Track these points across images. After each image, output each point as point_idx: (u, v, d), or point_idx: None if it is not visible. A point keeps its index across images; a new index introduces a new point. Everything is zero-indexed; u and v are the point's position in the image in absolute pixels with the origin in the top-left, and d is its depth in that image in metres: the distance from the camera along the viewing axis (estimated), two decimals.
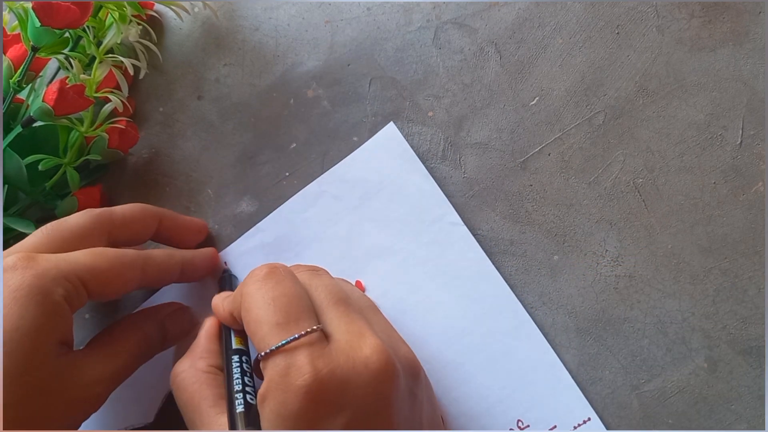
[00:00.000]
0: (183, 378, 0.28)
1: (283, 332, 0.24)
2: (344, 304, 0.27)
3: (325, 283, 0.28)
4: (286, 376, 0.23)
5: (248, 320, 0.26)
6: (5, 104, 0.35)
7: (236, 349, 0.29)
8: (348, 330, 0.25)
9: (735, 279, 0.29)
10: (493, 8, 0.35)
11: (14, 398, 0.25)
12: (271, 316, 0.25)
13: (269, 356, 0.24)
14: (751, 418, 0.28)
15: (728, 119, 0.31)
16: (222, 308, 0.30)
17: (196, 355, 0.29)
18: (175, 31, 0.41)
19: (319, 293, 0.27)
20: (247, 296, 0.26)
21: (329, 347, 0.24)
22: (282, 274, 0.27)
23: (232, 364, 0.28)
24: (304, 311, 0.25)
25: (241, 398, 0.26)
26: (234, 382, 0.27)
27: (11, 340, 0.25)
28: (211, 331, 0.31)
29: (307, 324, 0.25)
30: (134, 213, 0.32)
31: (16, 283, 0.26)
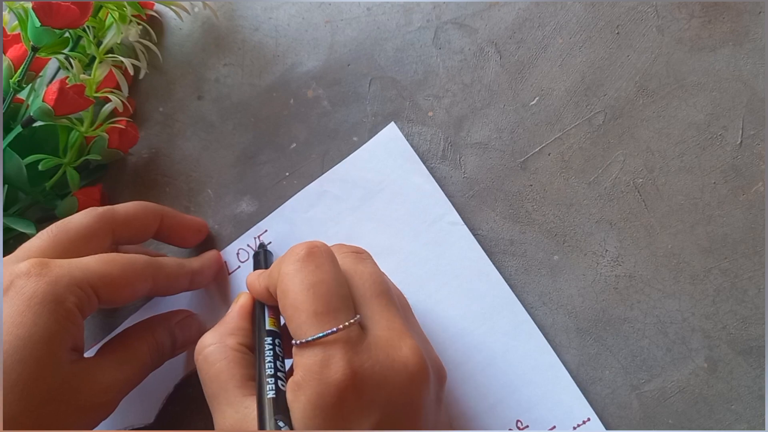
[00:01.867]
0: (210, 352, 0.27)
1: (321, 323, 0.24)
2: (386, 297, 0.26)
3: (369, 271, 0.27)
4: (324, 368, 0.23)
5: (285, 304, 0.25)
6: (5, 104, 0.35)
7: (269, 330, 0.28)
8: (388, 327, 0.25)
9: (735, 279, 0.29)
10: (493, 8, 0.35)
11: (28, 405, 0.25)
12: (310, 304, 0.24)
13: (306, 346, 0.24)
14: (751, 418, 0.28)
15: (728, 119, 0.31)
16: (258, 284, 0.29)
17: (226, 330, 0.29)
18: (175, 31, 0.41)
19: (362, 282, 0.26)
20: (285, 277, 0.25)
21: (367, 342, 0.24)
22: (322, 257, 0.26)
23: (265, 346, 0.27)
24: (343, 301, 0.25)
25: (273, 383, 0.25)
26: (266, 365, 0.26)
27: (25, 347, 0.25)
28: (245, 308, 0.30)
29: (345, 316, 0.24)
30: (137, 211, 0.32)
31: (30, 291, 0.26)
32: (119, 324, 0.36)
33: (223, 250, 0.36)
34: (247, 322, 0.29)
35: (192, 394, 0.34)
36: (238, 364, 0.27)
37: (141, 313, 0.36)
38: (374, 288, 0.26)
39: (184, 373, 0.34)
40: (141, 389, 0.30)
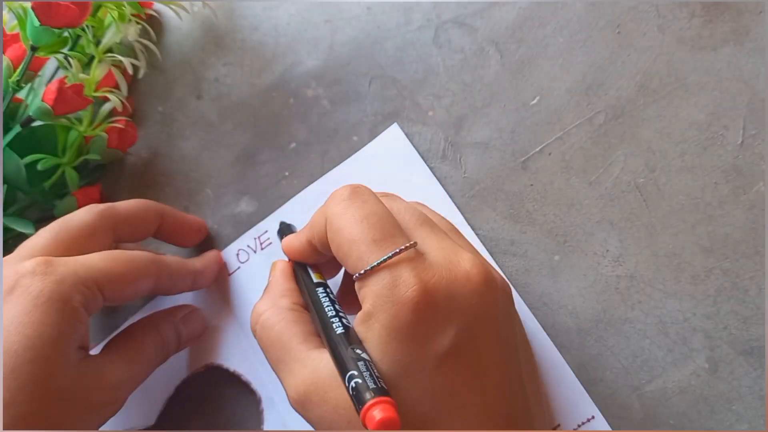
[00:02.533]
0: (267, 317, 0.27)
1: (381, 249, 0.24)
2: (429, 224, 0.27)
3: (404, 205, 0.27)
4: (394, 289, 0.23)
5: (340, 241, 0.25)
6: (4, 104, 0.35)
7: (318, 282, 0.28)
8: (441, 247, 0.25)
9: (736, 279, 0.29)
10: (494, 7, 0.35)
11: (39, 405, 0.25)
12: (366, 233, 0.24)
13: (370, 273, 0.24)
14: (752, 419, 0.28)
15: (729, 119, 0.31)
16: (298, 242, 0.29)
17: (276, 294, 0.29)
18: (175, 30, 0.41)
19: (402, 215, 0.26)
20: (335, 217, 0.25)
21: (428, 261, 0.24)
22: (366, 192, 0.26)
23: (319, 295, 0.27)
24: (396, 228, 0.25)
25: (338, 322, 0.25)
26: (325, 310, 0.26)
27: (34, 347, 0.25)
28: (287, 271, 0.30)
29: (402, 240, 0.24)
30: (138, 208, 0.32)
31: (36, 290, 0.26)
32: (120, 324, 0.36)
33: (223, 250, 0.36)
34: (293, 283, 0.29)
35: (193, 395, 0.34)
36: (296, 323, 0.27)
37: (141, 313, 0.35)
38: (415, 218, 0.26)
39: (185, 374, 0.34)
40: (142, 391, 0.30)
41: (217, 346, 0.34)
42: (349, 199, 0.26)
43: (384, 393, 0.21)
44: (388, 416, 0.20)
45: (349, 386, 0.22)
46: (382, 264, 0.23)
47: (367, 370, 0.22)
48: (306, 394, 0.24)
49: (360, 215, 0.25)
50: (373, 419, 0.20)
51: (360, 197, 0.26)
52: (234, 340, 0.34)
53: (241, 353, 0.34)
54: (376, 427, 0.20)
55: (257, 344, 0.28)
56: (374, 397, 0.20)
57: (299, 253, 0.29)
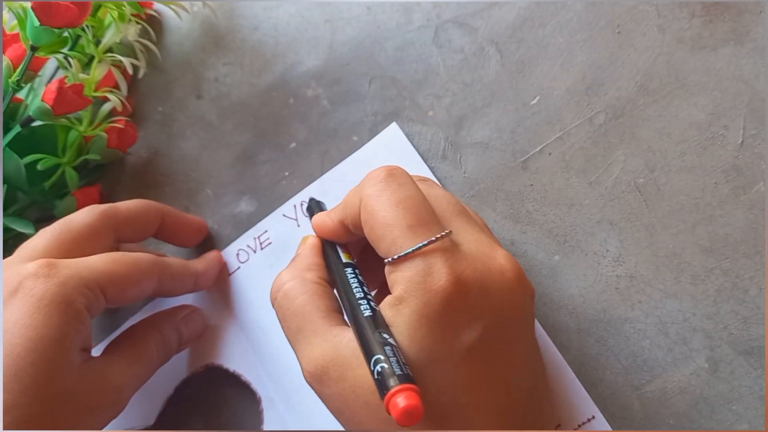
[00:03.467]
0: (291, 287, 0.26)
1: (416, 235, 0.23)
2: (465, 215, 0.26)
3: (442, 193, 0.27)
4: (427, 277, 0.22)
5: (373, 224, 0.24)
6: (4, 104, 0.35)
7: (347, 262, 0.27)
8: (476, 239, 0.25)
9: (736, 279, 0.29)
10: (494, 7, 0.35)
11: (43, 408, 0.25)
12: (401, 218, 0.24)
13: (403, 260, 0.23)
14: (752, 419, 0.28)
15: (729, 119, 0.31)
16: (330, 220, 0.28)
17: (302, 266, 0.28)
18: (175, 30, 0.41)
19: (439, 203, 0.26)
20: (371, 198, 0.25)
21: (462, 252, 0.24)
22: (403, 176, 0.25)
23: (347, 275, 0.26)
24: (432, 215, 0.24)
25: (366, 304, 0.24)
26: (353, 290, 0.25)
27: (37, 349, 0.25)
28: (316, 247, 0.29)
29: (437, 228, 0.24)
30: (139, 209, 0.32)
31: (39, 292, 0.26)
32: (120, 324, 0.36)
33: (223, 250, 0.36)
34: (321, 259, 0.29)
35: (192, 395, 0.34)
36: (320, 297, 0.26)
37: (141, 314, 0.35)
38: (452, 207, 0.26)
39: (185, 375, 0.34)
40: (142, 391, 0.30)
41: (217, 346, 0.34)
42: (385, 181, 0.25)
43: (410, 380, 0.20)
44: (413, 404, 0.20)
45: (375, 370, 0.21)
46: (417, 251, 0.23)
47: (394, 356, 0.21)
48: (324, 368, 0.24)
49: (396, 198, 0.24)
50: (397, 406, 0.20)
51: (396, 180, 0.25)
52: (234, 340, 0.34)
53: (241, 353, 0.34)
54: (399, 414, 0.19)
55: (255, 344, 0.28)
56: (399, 383, 0.20)
57: (330, 232, 0.28)
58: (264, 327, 0.34)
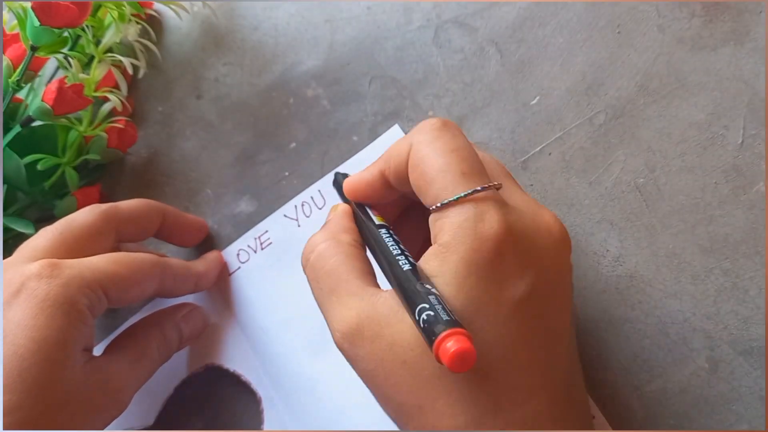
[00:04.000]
0: (325, 248, 0.26)
1: (469, 182, 0.23)
2: (512, 177, 0.26)
3: (491, 157, 0.27)
4: (479, 222, 0.22)
5: (424, 169, 0.24)
6: (4, 104, 0.35)
7: (380, 224, 0.27)
8: (524, 199, 0.25)
9: (736, 279, 0.29)
10: (494, 7, 0.35)
11: (45, 409, 0.25)
12: (456, 165, 0.23)
13: (453, 204, 0.22)
14: (752, 419, 0.28)
15: (729, 119, 0.31)
16: (369, 174, 0.27)
17: (335, 230, 0.27)
18: (175, 30, 0.41)
19: (487, 162, 0.26)
20: (423, 144, 0.24)
21: (512, 206, 0.23)
22: (456, 128, 0.25)
23: (382, 236, 0.26)
24: (483, 168, 0.24)
25: (404, 259, 0.23)
26: (391, 248, 0.25)
27: (40, 350, 0.25)
28: (348, 212, 0.29)
29: (489, 180, 0.23)
30: (140, 208, 0.32)
31: (42, 293, 0.26)
32: (120, 323, 0.36)
33: (223, 250, 0.36)
34: (353, 223, 0.28)
35: (192, 395, 0.34)
36: (355, 258, 0.26)
37: (141, 314, 0.35)
38: (500, 169, 0.26)
39: (185, 374, 0.34)
40: (142, 391, 0.30)
41: (217, 346, 0.34)
42: (440, 130, 0.24)
43: (458, 325, 0.19)
44: (465, 347, 0.18)
45: (420, 319, 0.20)
46: (469, 196, 0.22)
47: (439, 303, 0.20)
48: (359, 327, 0.23)
49: (451, 146, 0.24)
50: (447, 351, 0.18)
51: (451, 131, 0.25)
52: (234, 340, 0.34)
53: (241, 353, 0.34)
54: (450, 358, 0.18)
55: (255, 344, 0.28)
56: (447, 328, 0.19)
57: (367, 187, 0.28)
58: (264, 327, 0.34)
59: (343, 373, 0.32)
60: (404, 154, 0.25)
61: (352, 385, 0.31)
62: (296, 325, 0.33)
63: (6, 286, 0.26)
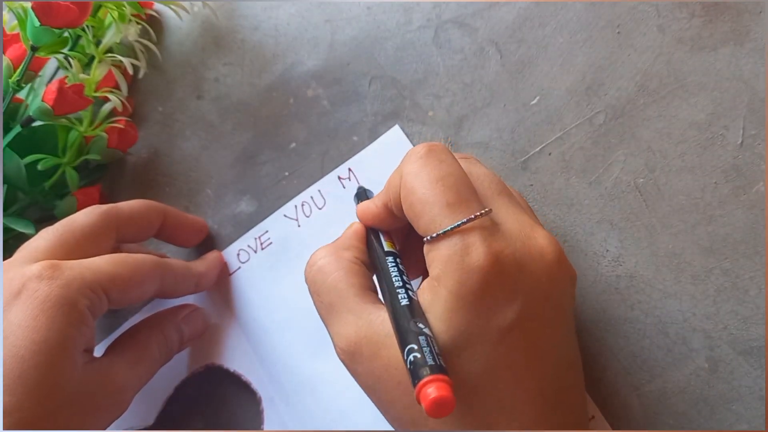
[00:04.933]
0: (327, 263, 0.26)
1: (454, 213, 0.23)
2: (507, 195, 0.26)
3: (484, 171, 0.26)
4: (465, 256, 0.22)
5: (412, 201, 0.24)
6: (4, 104, 0.35)
7: (388, 251, 0.27)
8: (517, 219, 0.24)
9: (736, 279, 0.29)
10: (494, 7, 0.35)
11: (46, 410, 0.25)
12: (440, 196, 0.23)
13: (442, 238, 0.23)
14: (752, 419, 0.28)
15: (729, 119, 0.31)
16: (374, 205, 0.28)
17: (340, 246, 0.28)
18: (175, 30, 0.41)
19: (481, 181, 0.26)
20: (410, 176, 0.24)
21: (501, 232, 0.23)
22: (444, 152, 0.25)
23: (388, 264, 0.26)
24: (472, 193, 0.24)
25: (404, 293, 0.24)
26: (393, 278, 0.25)
27: (41, 352, 0.25)
28: (359, 232, 0.29)
29: (477, 206, 0.23)
30: (140, 209, 0.32)
31: (43, 294, 0.26)
32: (121, 323, 0.36)
33: (223, 250, 0.36)
34: (362, 243, 0.29)
35: (193, 395, 0.34)
36: (355, 275, 0.26)
37: (142, 315, 0.35)
38: (494, 187, 0.26)
39: (185, 374, 0.34)
40: (142, 391, 0.30)
41: (217, 346, 0.34)
42: (425, 158, 0.24)
43: (441, 371, 0.20)
44: (442, 395, 0.19)
45: (407, 360, 0.21)
46: (455, 229, 0.23)
47: (428, 346, 0.21)
48: (357, 345, 0.24)
49: (435, 176, 0.24)
50: (428, 396, 0.19)
51: (437, 156, 0.24)
52: (234, 340, 0.34)
53: (241, 353, 0.34)
54: (430, 404, 0.19)
55: (255, 344, 0.28)
56: (431, 374, 0.20)
57: (374, 217, 0.28)
58: (264, 327, 0.34)
59: (343, 373, 0.32)
60: (398, 186, 0.25)
61: (352, 385, 0.31)
62: (296, 325, 0.33)
63: (6, 287, 0.26)
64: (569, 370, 0.25)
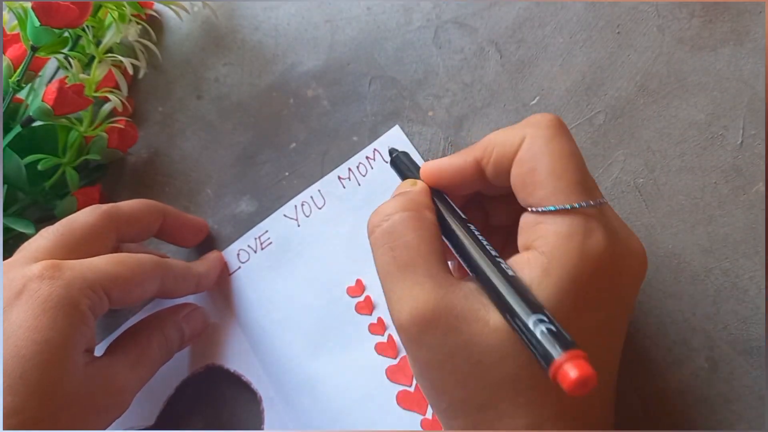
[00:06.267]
0: (407, 218, 0.24)
1: (583, 193, 0.22)
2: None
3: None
4: (588, 239, 0.21)
5: (535, 167, 0.22)
6: (4, 104, 0.35)
7: (464, 218, 0.25)
8: (618, 222, 0.24)
9: (736, 279, 0.29)
10: (494, 7, 0.35)
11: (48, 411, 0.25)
12: (573, 172, 0.22)
13: (561, 213, 0.22)
14: (752, 419, 0.28)
15: (729, 119, 0.31)
16: (462, 160, 0.25)
17: (417, 202, 0.25)
18: (175, 30, 0.41)
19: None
20: (539, 140, 0.23)
21: (613, 228, 0.23)
22: (569, 130, 0.24)
23: (472, 228, 0.24)
24: (594, 180, 0.23)
25: (504, 264, 0.22)
26: (487, 246, 0.23)
27: (42, 352, 0.25)
28: (428, 191, 0.26)
29: (599, 194, 0.23)
30: (140, 208, 0.32)
31: (44, 294, 0.26)
32: (121, 323, 0.36)
33: (223, 250, 0.36)
34: (432, 202, 0.26)
35: (193, 395, 0.34)
36: (438, 240, 0.24)
37: (142, 314, 0.35)
38: (595, 185, 0.25)
39: (185, 374, 0.34)
40: (142, 391, 0.30)
41: (217, 347, 0.34)
42: (557, 128, 0.23)
43: (576, 347, 0.18)
44: (587, 374, 0.18)
45: (537, 331, 0.19)
46: (580, 209, 0.21)
47: (553, 321, 0.19)
48: (434, 315, 0.22)
49: (568, 150, 0.23)
50: (568, 376, 0.18)
51: (567, 132, 0.23)
52: (234, 340, 0.34)
53: (241, 353, 0.34)
54: (572, 384, 0.18)
55: (255, 344, 0.27)
56: (566, 350, 0.18)
57: (456, 173, 0.25)
58: (264, 327, 0.34)
59: (342, 373, 0.32)
60: (514, 145, 0.23)
61: (352, 385, 0.32)
62: (296, 324, 0.33)
63: (8, 287, 0.26)
64: (615, 380, 0.24)
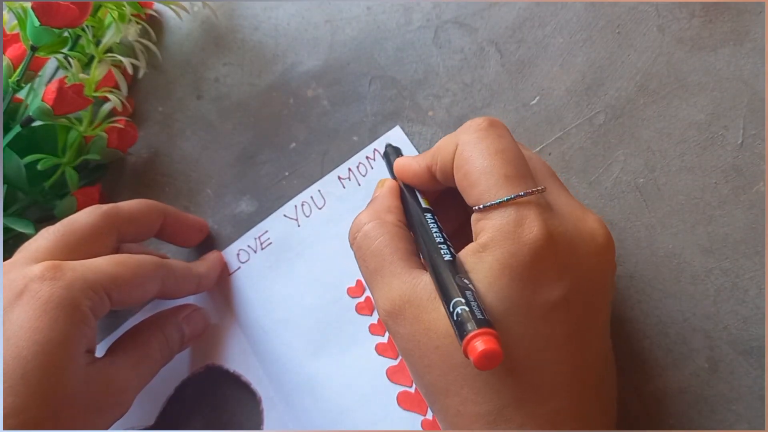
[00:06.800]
0: (371, 228, 0.27)
1: (512, 185, 0.23)
2: (557, 179, 0.26)
3: (536, 156, 0.27)
4: (519, 227, 0.22)
5: (468, 170, 0.24)
6: (4, 104, 0.35)
7: (426, 208, 0.27)
8: (568, 202, 0.25)
9: (736, 279, 0.29)
10: (494, 7, 0.35)
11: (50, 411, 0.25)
12: (499, 167, 0.23)
13: (495, 208, 0.23)
14: (752, 419, 0.28)
15: (729, 119, 0.31)
16: (417, 165, 0.28)
17: (381, 209, 0.28)
18: (175, 30, 0.41)
19: (533, 162, 0.26)
20: (468, 145, 0.24)
21: (554, 210, 0.24)
22: (503, 128, 0.25)
23: (427, 220, 0.26)
24: (528, 170, 0.24)
25: (446, 249, 0.24)
26: (434, 235, 0.25)
27: (43, 353, 0.25)
28: (395, 190, 0.29)
29: (533, 183, 0.24)
30: (141, 208, 0.32)
31: (45, 295, 0.26)
32: (121, 323, 0.36)
33: (223, 250, 0.36)
34: (400, 202, 0.29)
35: (193, 395, 0.34)
36: (400, 239, 0.26)
37: (142, 315, 0.35)
38: (545, 169, 0.26)
39: (185, 375, 0.34)
40: (142, 391, 0.30)
41: (217, 347, 0.34)
42: (485, 130, 0.25)
43: (488, 325, 0.20)
44: (492, 348, 0.19)
45: (454, 312, 0.21)
46: (511, 201, 0.23)
47: (474, 300, 0.21)
48: (400, 307, 0.24)
49: (495, 148, 0.24)
50: (476, 349, 0.19)
51: (496, 130, 0.25)
52: (234, 340, 0.34)
53: (241, 353, 0.34)
54: (478, 357, 0.19)
55: (255, 344, 0.28)
56: (478, 327, 0.20)
57: (414, 176, 0.28)
58: (264, 327, 0.34)
59: (342, 373, 0.32)
60: (450, 153, 0.25)
61: (352, 385, 0.32)
62: (296, 324, 0.33)
63: (8, 287, 0.26)
64: (605, 362, 0.24)
